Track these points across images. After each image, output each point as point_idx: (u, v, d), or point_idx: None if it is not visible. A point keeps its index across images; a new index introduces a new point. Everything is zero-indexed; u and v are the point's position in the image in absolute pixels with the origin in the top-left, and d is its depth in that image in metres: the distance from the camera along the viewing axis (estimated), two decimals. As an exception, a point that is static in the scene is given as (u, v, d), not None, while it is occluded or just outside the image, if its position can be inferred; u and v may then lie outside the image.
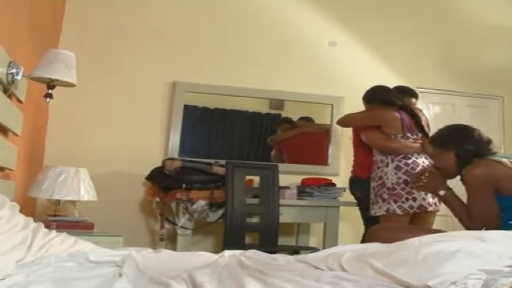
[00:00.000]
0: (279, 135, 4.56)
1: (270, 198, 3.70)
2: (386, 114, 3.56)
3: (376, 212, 3.47)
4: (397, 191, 3.37)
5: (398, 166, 3.40)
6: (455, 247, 1.64)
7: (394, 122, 3.50)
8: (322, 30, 4.66)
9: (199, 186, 3.63)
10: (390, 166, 3.42)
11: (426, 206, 3.35)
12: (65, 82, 2.73)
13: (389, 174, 3.42)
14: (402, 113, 3.55)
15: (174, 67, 4.26)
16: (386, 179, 3.43)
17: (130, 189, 3.98)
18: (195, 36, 4.35)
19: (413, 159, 3.40)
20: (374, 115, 3.62)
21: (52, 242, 1.95)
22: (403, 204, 3.35)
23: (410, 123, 3.53)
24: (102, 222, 3.15)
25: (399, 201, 3.36)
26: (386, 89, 3.70)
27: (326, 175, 4.26)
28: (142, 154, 4.04)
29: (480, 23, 4.98)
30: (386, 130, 3.51)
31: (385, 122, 3.53)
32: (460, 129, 2.79)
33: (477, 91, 4.98)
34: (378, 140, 3.54)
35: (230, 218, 3.52)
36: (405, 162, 3.40)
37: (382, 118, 3.57)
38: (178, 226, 3.62)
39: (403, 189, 3.35)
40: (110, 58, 4.12)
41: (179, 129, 4.21)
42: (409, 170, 3.36)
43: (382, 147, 3.51)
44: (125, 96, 4.13)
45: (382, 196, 3.43)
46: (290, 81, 4.48)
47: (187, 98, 4.26)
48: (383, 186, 3.43)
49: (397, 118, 3.51)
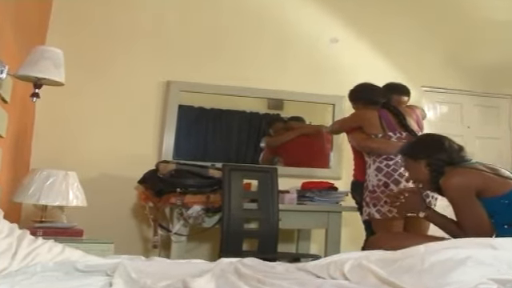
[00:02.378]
0: (276, 139, 4.55)
1: (268, 202, 3.70)
2: (364, 113, 3.60)
3: (363, 217, 3.49)
4: (376, 194, 3.37)
5: (379, 168, 3.40)
6: (464, 255, 1.64)
7: (373, 121, 3.52)
8: (323, 27, 4.66)
9: (194, 190, 3.63)
10: (372, 167, 3.44)
11: None
12: (52, 80, 2.72)
13: (371, 176, 3.43)
14: (383, 111, 3.55)
15: (168, 65, 4.25)
16: (368, 182, 3.45)
17: (121, 193, 3.96)
18: (190, 33, 4.35)
19: (395, 160, 3.37)
20: (354, 116, 3.70)
21: (38, 250, 1.94)
22: (382, 208, 3.34)
23: (393, 122, 3.52)
24: (91, 229, 3.14)
25: (378, 204, 3.35)
26: (370, 87, 3.71)
27: (328, 179, 4.24)
28: (135, 156, 4.03)
29: (488, 18, 4.98)
30: (366, 129, 3.54)
31: (364, 122, 3.57)
32: (429, 138, 2.86)
33: (485, 90, 4.97)
34: (360, 140, 3.59)
35: (226, 224, 3.51)
36: (386, 163, 3.39)
37: (361, 118, 3.61)
38: (172, 233, 3.61)
39: (383, 192, 3.34)
40: (100, 56, 4.11)
41: (173, 130, 4.20)
42: (390, 171, 3.36)
43: (364, 147, 3.56)
44: (116, 96, 4.12)
45: (365, 199, 3.45)
46: (290, 80, 4.48)
47: (182, 98, 4.25)
48: (366, 188, 3.46)
49: (375, 116, 3.52)
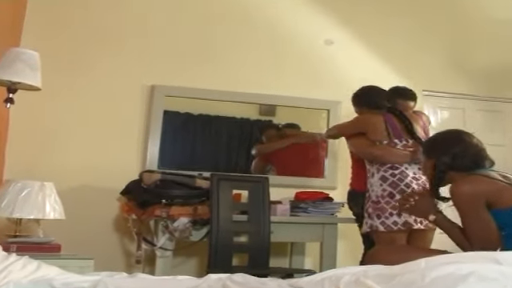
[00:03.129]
0: (268, 146, 4.56)
1: (259, 214, 3.69)
2: (369, 118, 3.59)
3: (364, 229, 3.47)
4: (381, 205, 3.35)
5: (384, 177, 3.39)
6: (467, 270, 1.63)
7: (378, 127, 3.50)
8: (317, 28, 4.66)
9: (181, 202, 3.62)
10: (376, 176, 3.42)
11: (411, 223, 3.30)
12: (28, 85, 2.71)
13: (374, 185, 3.42)
14: (389, 116, 3.54)
15: (152, 68, 4.24)
16: (371, 191, 3.44)
17: (102, 205, 3.94)
18: (177, 33, 4.33)
19: (401, 169, 3.38)
20: (357, 121, 3.68)
21: (11, 268, 1.92)
22: (386, 220, 3.32)
23: (399, 128, 3.50)
24: (70, 244, 3.14)
25: (382, 216, 3.34)
26: (375, 90, 3.72)
27: (323, 188, 4.23)
28: (117, 165, 4.01)
29: (492, 18, 5.00)
30: (370, 135, 3.52)
31: (368, 127, 3.55)
32: (445, 136, 2.83)
33: (489, 94, 4.98)
34: (361, 146, 3.57)
35: (215, 237, 3.51)
36: (391, 172, 3.38)
37: (365, 122, 3.60)
38: (157, 247, 3.59)
39: (388, 202, 3.32)
40: (79, 58, 4.09)
41: (158, 137, 4.18)
42: (395, 181, 3.35)
43: (366, 154, 3.53)
44: (97, 101, 4.10)
45: (368, 210, 3.44)
46: (282, 84, 4.48)
47: (167, 103, 4.24)
48: (369, 199, 3.44)
49: (380, 121, 3.50)
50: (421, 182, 3.34)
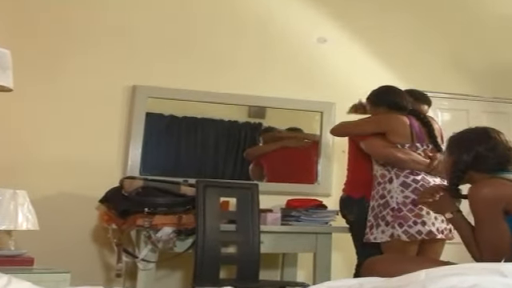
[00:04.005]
0: (256, 149, 4.57)
1: (248, 223, 3.69)
2: (392, 118, 3.59)
3: (377, 237, 3.45)
4: (403, 213, 3.35)
5: (405, 183, 3.40)
6: (469, 283, 1.62)
7: (403, 129, 3.52)
8: (310, 24, 4.67)
9: (164, 210, 3.61)
10: (395, 182, 3.42)
11: (435, 232, 3.34)
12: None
13: (393, 191, 3.41)
14: (411, 119, 3.57)
15: (133, 68, 4.22)
16: (389, 198, 3.42)
17: (79, 214, 3.91)
18: (160, 30, 4.32)
19: (422, 175, 3.42)
20: (378, 120, 3.65)
21: (-23, 283, 1.88)
22: (410, 229, 3.33)
23: (422, 132, 3.56)
24: (44, 256, 3.14)
25: (405, 225, 3.34)
26: (396, 90, 3.73)
27: (316, 196, 4.24)
28: (95, 171, 3.99)
29: (497, 13, 5.03)
30: (391, 137, 3.51)
31: (391, 128, 3.54)
32: (473, 134, 2.83)
33: (494, 95, 5.01)
34: (381, 148, 3.53)
35: (201, 249, 3.50)
36: (413, 178, 3.40)
37: (387, 123, 3.59)
38: (139, 259, 3.58)
39: (411, 210, 3.34)
40: (55, 57, 4.06)
41: (140, 141, 4.17)
42: (418, 187, 3.36)
43: (387, 157, 3.50)
44: (74, 102, 4.08)
45: (386, 218, 3.41)
46: (273, 84, 4.48)
47: (150, 105, 4.23)
48: (386, 206, 3.42)
49: (406, 123, 3.53)
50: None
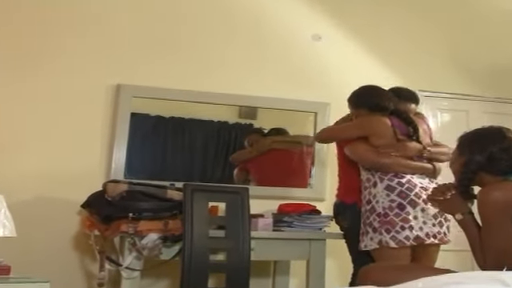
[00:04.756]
0: (243, 153, 4.55)
1: (238, 229, 3.67)
2: (373, 121, 3.58)
3: (367, 245, 3.45)
4: (389, 218, 3.34)
5: (390, 187, 3.38)
6: (470, 293, 1.60)
7: (384, 130, 3.51)
8: (304, 21, 4.67)
9: (150, 216, 3.60)
10: (379, 186, 3.42)
11: (423, 237, 3.31)
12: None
13: (378, 196, 3.40)
14: (394, 119, 3.56)
15: (118, 66, 4.22)
16: (375, 203, 3.42)
17: (60, 220, 3.92)
18: (146, 26, 4.32)
19: (407, 178, 3.41)
20: (360, 124, 3.65)
21: None
22: (397, 234, 3.31)
23: (406, 131, 3.54)
24: (22, 264, 3.13)
25: (392, 230, 3.32)
26: (378, 90, 3.71)
27: (309, 200, 4.23)
28: (77, 175, 3.98)
29: (499, 8, 5.05)
30: (374, 140, 3.52)
31: (373, 131, 3.54)
32: (486, 133, 2.84)
33: (495, 95, 5.02)
34: (364, 153, 3.54)
35: (188, 256, 3.48)
36: (398, 181, 3.39)
37: (369, 126, 3.59)
38: (123, 267, 3.56)
39: (397, 215, 3.32)
40: (33, 53, 4.06)
41: (125, 143, 4.18)
42: (404, 190, 3.35)
43: (372, 162, 3.51)
44: (54, 102, 4.07)
45: (373, 224, 3.41)
46: (265, 84, 4.49)
47: (135, 105, 4.23)
48: (373, 211, 3.42)
49: (387, 125, 3.52)
50: (429, 192, 3.32)
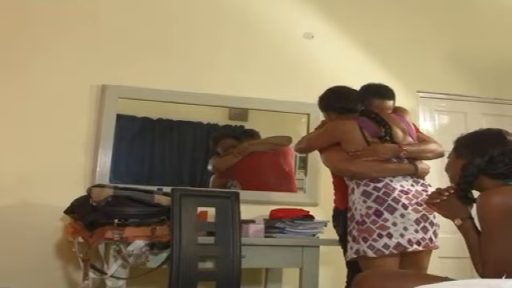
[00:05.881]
0: (223, 161, 4.50)
1: (229, 235, 3.66)
2: (342, 125, 3.54)
3: (349, 255, 3.41)
4: (366, 225, 3.28)
5: (366, 192, 3.33)
6: (469, 301, 1.59)
7: (352, 134, 3.46)
8: (296, 19, 4.69)
9: (136, 222, 3.57)
10: (356, 192, 3.37)
11: (405, 245, 3.23)
12: None
13: (356, 203, 3.36)
14: (363, 120, 3.51)
15: (103, 66, 4.23)
16: (354, 210, 3.38)
17: (41, 226, 3.91)
18: (132, 25, 4.34)
19: (384, 182, 3.32)
20: (328, 131, 3.61)
21: None
22: (375, 243, 3.24)
23: (377, 132, 3.47)
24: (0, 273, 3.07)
25: (370, 239, 3.26)
26: (343, 92, 3.68)
27: (302, 205, 4.22)
28: (60, 179, 3.99)
29: (499, 5, 5.07)
30: (345, 146, 3.48)
31: (341, 137, 3.51)
32: (486, 135, 2.83)
33: (494, 95, 5.04)
34: (336, 163, 3.53)
35: (176, 263, 3.47)
36: (373, 185, 3.32)
37: (337, 131, 3.55)
38: (108, 276, 3.54)
39: (374, 222, 3.25)
40: (14, 52, 4.07)
41: (110, 146, 4.18)
42: (381, 195, 3.28)
43: (343, 172, 3.50)
44: (36, 103, 4.08)
45: (352, 233, 3.38)
46: (255, 84, 4.51)
47: (121, 106, 4.23)
48: (352, 219, 3.38)
49: (354, 127, 3.47)
50: (411, 196, 3.30)
